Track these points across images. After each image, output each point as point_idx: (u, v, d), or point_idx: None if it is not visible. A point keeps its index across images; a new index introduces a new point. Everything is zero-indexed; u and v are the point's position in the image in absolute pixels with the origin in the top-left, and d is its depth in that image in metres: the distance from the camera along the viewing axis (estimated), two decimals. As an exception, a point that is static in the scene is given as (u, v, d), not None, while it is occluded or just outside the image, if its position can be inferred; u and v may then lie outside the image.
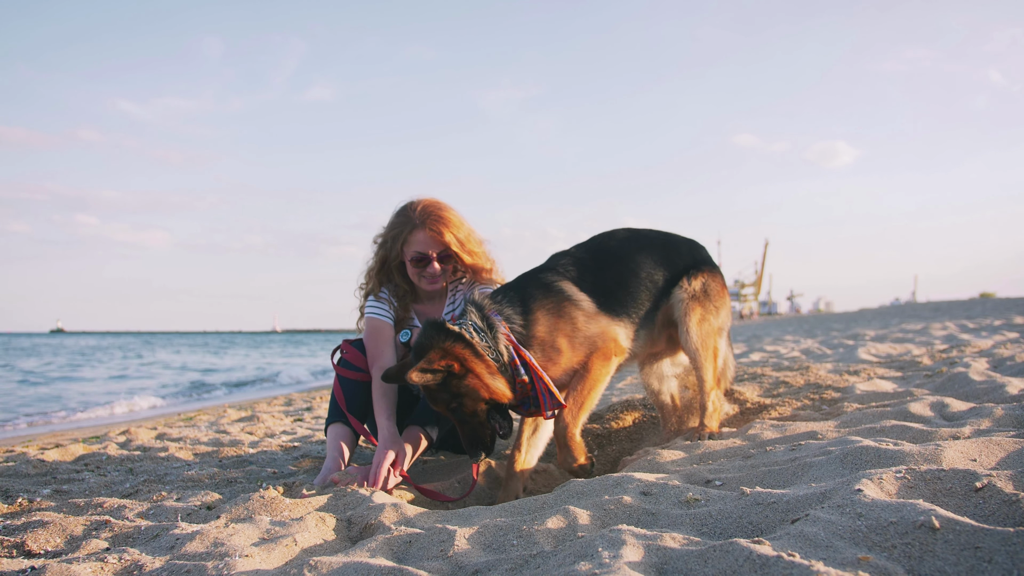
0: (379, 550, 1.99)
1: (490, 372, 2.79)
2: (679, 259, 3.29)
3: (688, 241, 3.43)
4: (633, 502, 2.09)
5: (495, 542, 1.97)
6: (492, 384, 2.78)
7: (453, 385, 2.76)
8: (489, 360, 2.80)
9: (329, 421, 3.43)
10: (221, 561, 1.91)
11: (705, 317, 3.19)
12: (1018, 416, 2.67)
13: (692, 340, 3.17)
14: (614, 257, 3.20)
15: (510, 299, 2.97)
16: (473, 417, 2.82)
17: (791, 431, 3.00)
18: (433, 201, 3.45)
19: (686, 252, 3.35)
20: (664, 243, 3.32)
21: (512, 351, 2.82)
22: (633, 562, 1.59)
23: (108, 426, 7.80)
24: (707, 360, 3.21)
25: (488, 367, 2.79)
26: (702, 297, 3.20)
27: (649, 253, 3.24)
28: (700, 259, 3.35)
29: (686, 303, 3.18)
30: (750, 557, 1.47)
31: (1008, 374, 3.98)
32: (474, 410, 2.81)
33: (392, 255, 3.47)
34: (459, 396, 2.78)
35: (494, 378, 2.79)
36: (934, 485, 1.82)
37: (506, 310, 2.93)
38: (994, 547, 1.44)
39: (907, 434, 2.56)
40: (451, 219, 3.39)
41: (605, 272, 3.12)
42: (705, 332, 3.18)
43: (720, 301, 3.27)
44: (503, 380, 2.81)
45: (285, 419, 6.57)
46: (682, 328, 3.17)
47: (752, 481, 2.25)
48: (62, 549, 2.28)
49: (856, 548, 1.52)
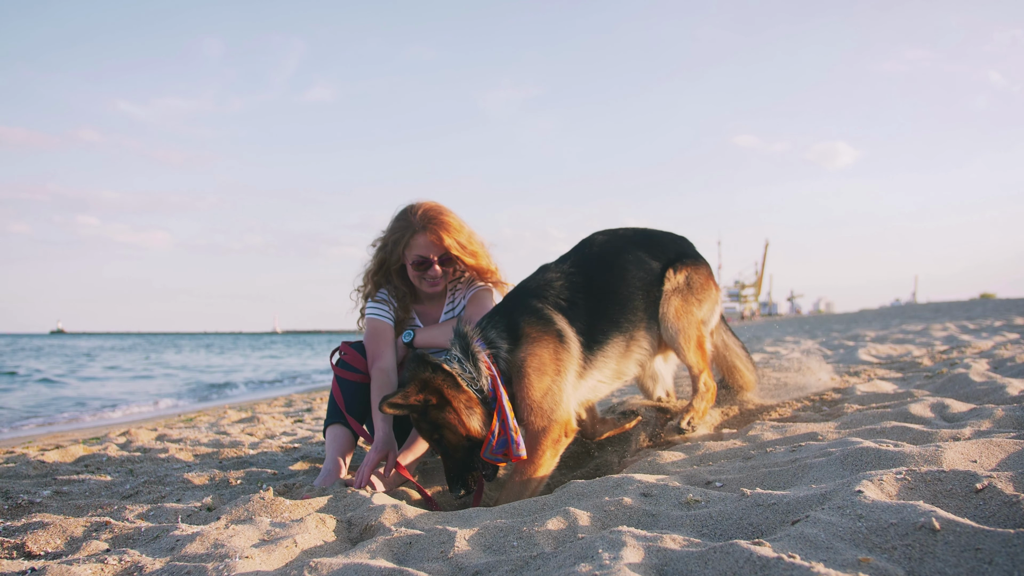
0: (379, 551, 1.99)
1: (468, 406, 2.75)
2: (663, 256, 3.29)
3: (672, 236, 3.44)
4: (633, 503, 2.09)
5: (495, 543, 1.97)
6: (467, 420, 2.74)
7: (433, 416, 2.74)
8: (470, 392, 2.76)
9: (328, 422, 3.44)
10: (221, 562, 1.91)
11: (686, 308, 3.19)
12: (1018, 417, 2.67)
13: (669, 328, 3.18)
14: (600, 266, 3.16)
15: (495, 325, 2.93)
16: (456, 451, 2.79)
17: (791, 432, 3.00)
18: (433, 205, 3.45)
19: (671, 247, 3.35)
20: (648, 241, 3.32)
21: (490, 383, 2.77)
22: (633, 563, 1.59)
23: (109, 427, 7.80)
24: (688, 344, 3.20)
25: (468, 399, 2.75)
26: (684, 290, 3.21)
27: (633, 255, 3.22)
28: (683, 252, 3.35)
29: (669, 297, 3.19)
30: (750, 558, 1.47)
31: (1008, 375, 3.98)
32: (456, 444, 2.77)
33: (392, 258, 3.47)
34: (440, 428, 2.76)
35: (471, 413, 2.75)
36: (934, 486, 1.82)
37: (491, 335, 2.89)
38: (995, 549, 1.44)
39: (907, 435, 2.56)
40: (451, 223, 3.39)
41: (595, 291, 3.07)
42: (685, 322, 3.18)
43: (703, 294, 3.26)
44: (479, 416, 2.76)
45: (285, 420, 6.57)
46: (663, 323, 3.18)
47: (752, 482, 2.25)
48: (62, 550, 2.28)
49: (856, 550, 1.51)
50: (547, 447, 2.82)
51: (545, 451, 2.82)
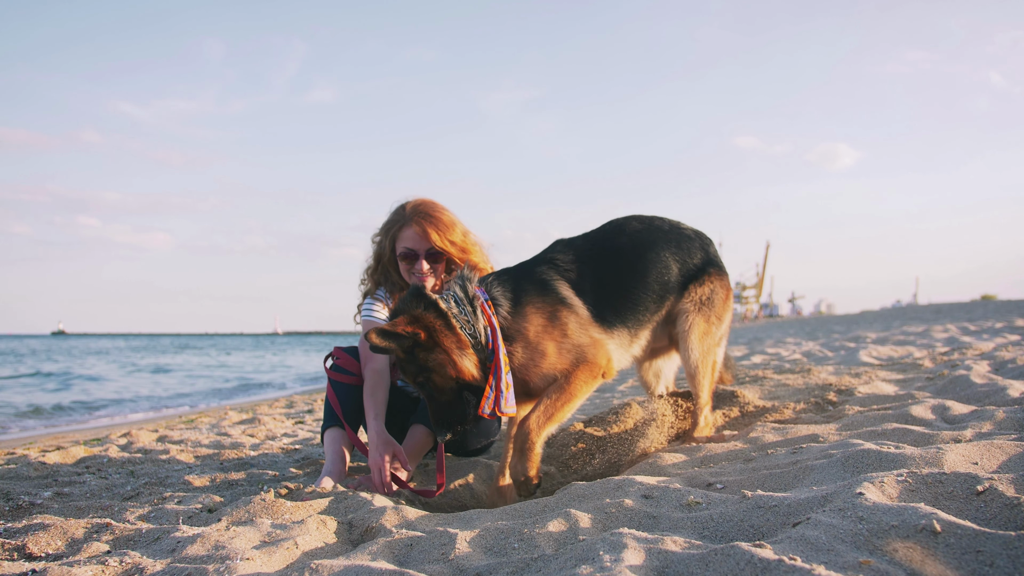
0: (380, 553, 1.99)
1: (460, 347, 2.64)
2: (690, 258, 3.16)
3: (699, 236, 3.28)
4: (634, 505, 2.09)
5: (496, 545, 1.97)
6: (459, 360, 2.64)
7: (420, 357, 2.64)
8: (462, 335, 2.65)
9: (325, 426, 3.45)
10: (222, 564, 1.91)
11: (708, 331, 3.12)
12: (1020, 419, 2.67)
13: (693, 356, 3.11)
14: (622, 257, 3.05)
15: (502, 283, 2.84)
16: (442, 394, 2.70)
17: (792, 434, 2.99)
18: (426, 200, 3.46)
19: (697, 250, 3.20)
20: (677, 239, 3.17)
21: (489, 334, 2.68)
22: (634, 565, 1.59)
23: (109, 428, 7.80)
24: (705, 376, 3.17)
25: (459, 342, 2.65)
26: (707, 308, 3.11)
27: (660, 252, 3.09)
28: (708, 260, 3.21)
29: (691, 315, 3.09)
30: (751, 560, 1.47)
31: (1010, 377, 3.97)
32: (443, 386, 2.67)
33: (384, 251, 3.48)
34: (427, 370, 2.66)
35: (463, 354, 2.65)
36: (935, 488, 1.82)
37: (495, 292, 2.80)
38: (995, 551, 1.44)
39: (908, 437, 2.56)
40: (442, 219, 3.38)
41: (609, 274, 2.98)
42: (706, 347, 3.13)
43: (723, 309, 3.19)
44: (473, 358, 2.66)
45: (286, 422, 6.58)
46: (683, 343, 3.11)
47: (753, 484, 2.25)
48: (63, 552, 2.28)
49: (858, 552, 1.51)
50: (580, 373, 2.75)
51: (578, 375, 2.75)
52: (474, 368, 2.67)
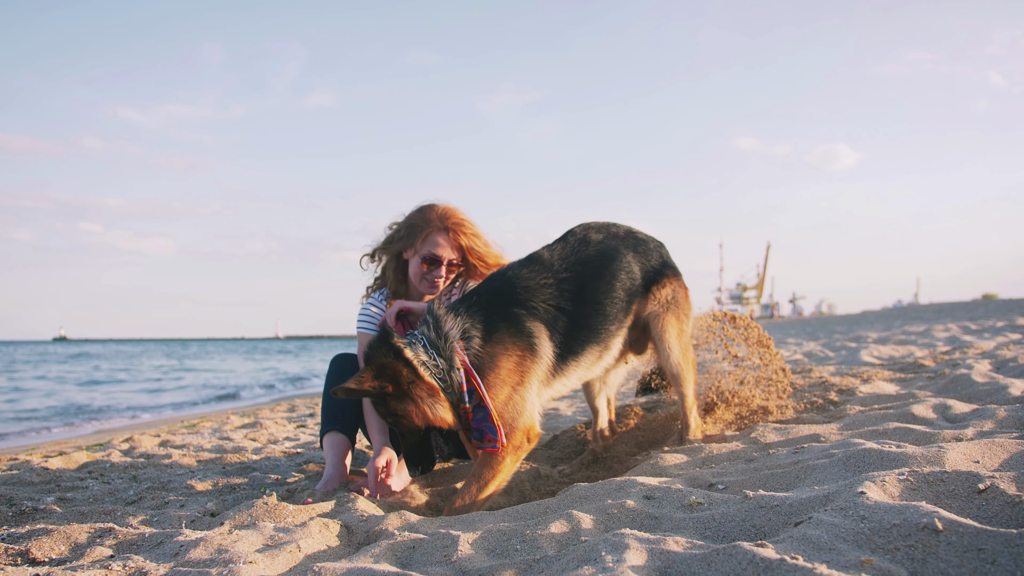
0: (383, 556, 1.99)
1: (430, 394, 2.58)
2: (648, 261, 3.14)
3: (652, 239, 3.26)
4: (636, 506, 2.09)
5: (498, 547, 1.97)
6: (428, 409, 2.58)
7: (391, 404, 2.60)
8: (432, 383, 2.58)
9: (324, 431, 3.46)
10: (225, 568, 1.92)
11: (683, 329, 3.13)
12: (1021, 418, 2.67)
13: (673, 356, 3.10)
14: (588, 269, 2.95)
15: (472, 315, 2.74)
16: (412, 435, 2.68)
17: (794, 434, 2.99)
18: (456, 210, 3.47)
19: (653, 251, 3.19)
20: (634, 244, 3.14)
21: (464, 374, 2.60)
22: (636, 566, 1.59)
23: (111, 432, 7.80)
24: (689, 375, 3.16)
25: (430, 389, 2.58)
26: (675, 307, 3.11)
27: (623, 259, 3.04)
28: (664, 262, 3.20)
29: (662, 317, 3.07)
30: (753, 560, 1.47)
31: (1011, 375, 3.97)
32: (413, 429, 2.64)
33: (404, 244, 3.43)
34: (396, 415, 2.62)
35: (434, 401, 2.59)
36: (937, 487, 1.82)
37: (466, 324, 2.69)
38: (997, 549, 1.44)
39: (910, 436, 2.56)
40: (470, 230, 3.41)
41: (580, 291, 2.88)
42: (684, 345, 3.13)
43: (687, 306, 3.20)
44: (444, 404, 2.61)
45: (288, 425, 6.58)
46: (661, 345, 3.09)
47: (755, 484, 2.25)
48: (66, 557, 2.28)
49: (859, 551, 1.52)
50: (508, 452, 2.67)
51: (506, 456, 2.67)
52: (446, 413, 2.62)
